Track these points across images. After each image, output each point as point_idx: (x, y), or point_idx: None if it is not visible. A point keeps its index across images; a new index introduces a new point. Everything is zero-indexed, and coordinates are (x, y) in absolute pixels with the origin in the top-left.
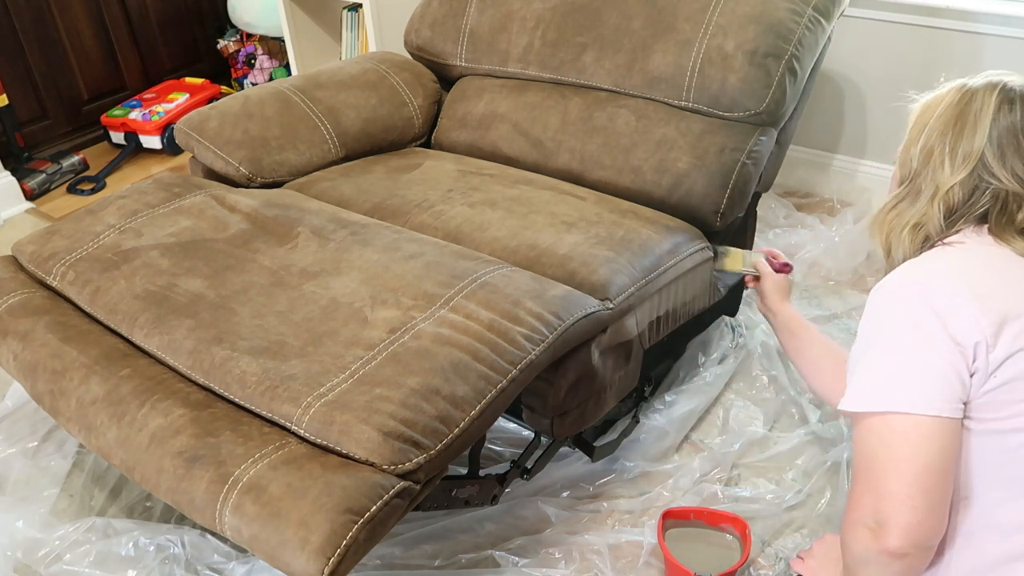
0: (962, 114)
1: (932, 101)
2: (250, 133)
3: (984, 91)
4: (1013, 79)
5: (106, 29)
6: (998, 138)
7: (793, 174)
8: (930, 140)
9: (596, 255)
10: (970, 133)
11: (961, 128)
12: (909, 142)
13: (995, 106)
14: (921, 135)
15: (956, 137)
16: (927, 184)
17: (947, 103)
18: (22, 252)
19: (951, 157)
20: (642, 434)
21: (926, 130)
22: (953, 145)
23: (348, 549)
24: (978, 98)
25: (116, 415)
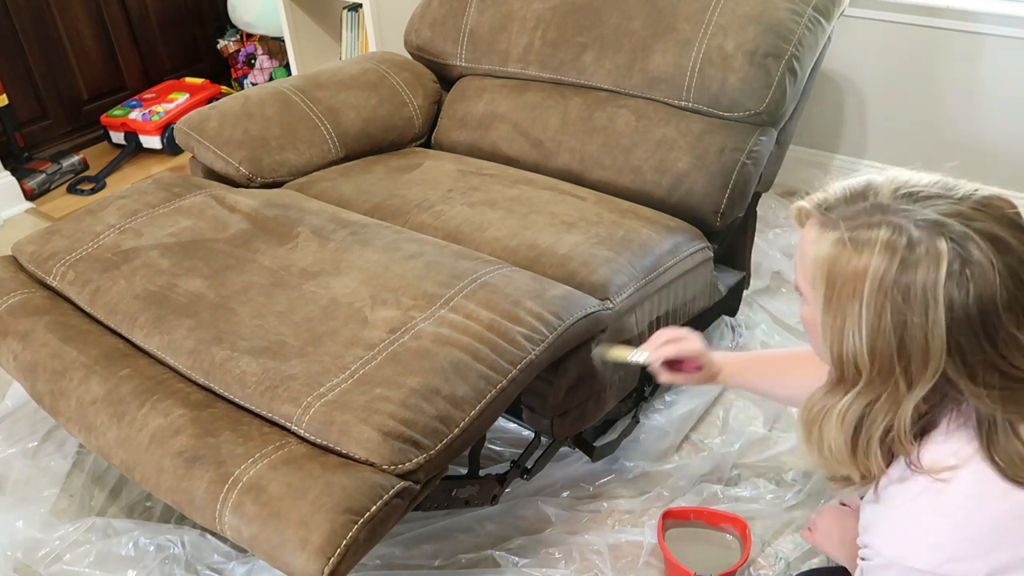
0: (903, 305)
1: (843, 273)
2: (250, 133)
3: (927, 260)
4: (954, 225)
5: (106, 29)
6: (957, 342)
7: (793, 174)
8: (864, 339)
9: (596, 255)
10: (920, 346)
11: (904, 330)
12: (829, 323)
13: (945, 293)
14: (845, 320)
15: (901, 346)
16: (874, 389)
17: (877, 277)
18: (22, 252)
19: (904, 374)
20: (642, 434)
21: (854, 318)
22: (901, 357)
23: (348, 549)
24: (920, 275)
25: (116, 415)
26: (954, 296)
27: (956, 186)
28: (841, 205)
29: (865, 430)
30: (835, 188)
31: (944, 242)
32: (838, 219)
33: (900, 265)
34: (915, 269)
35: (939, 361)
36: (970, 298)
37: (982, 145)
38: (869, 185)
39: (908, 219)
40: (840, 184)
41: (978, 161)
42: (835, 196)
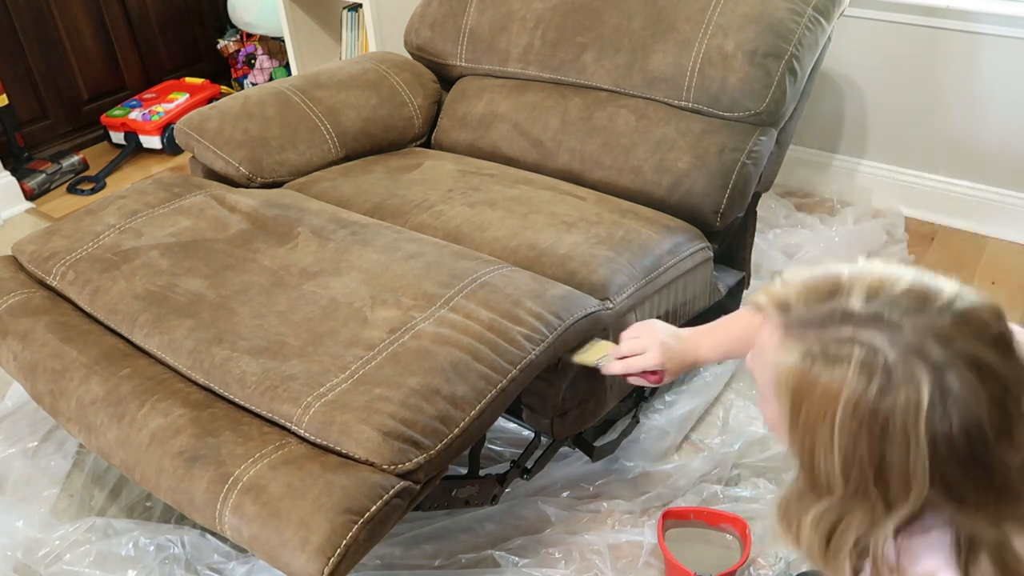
0: (881, 437)
1: (812, 395)
2: (250, 133)
3: (906, 390)
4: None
5: (106, 29)
6: (942, 474)
7: (793, 174)
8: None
9: (596, 255)
10: (900, 477)
11: (882, 461)
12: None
13: (926, 426)
14: (815, 441)
15: (879, 475)
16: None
17: (851, 403)
18: (22, 252)
19: (883, 499)
20: (642, 434)
21: (825, 441)
22: (878, 484)
23: (348, 549)
24: (899, 405)
25: (116, 415)
26: (937, 429)
27: (934, 291)
28: (805, 308)
29: (838, 537)
30: (797, 284)
31: (923, 370)
32: (804, 328)
33: (877, 392)
34: (893, 398)
35: (922, 490)
36: (954, 430)
37: (982, 145)
38: (836, 285)
39: (883, 338)
40: (802, 278)
41: (978, 161)
42: (797, 295)
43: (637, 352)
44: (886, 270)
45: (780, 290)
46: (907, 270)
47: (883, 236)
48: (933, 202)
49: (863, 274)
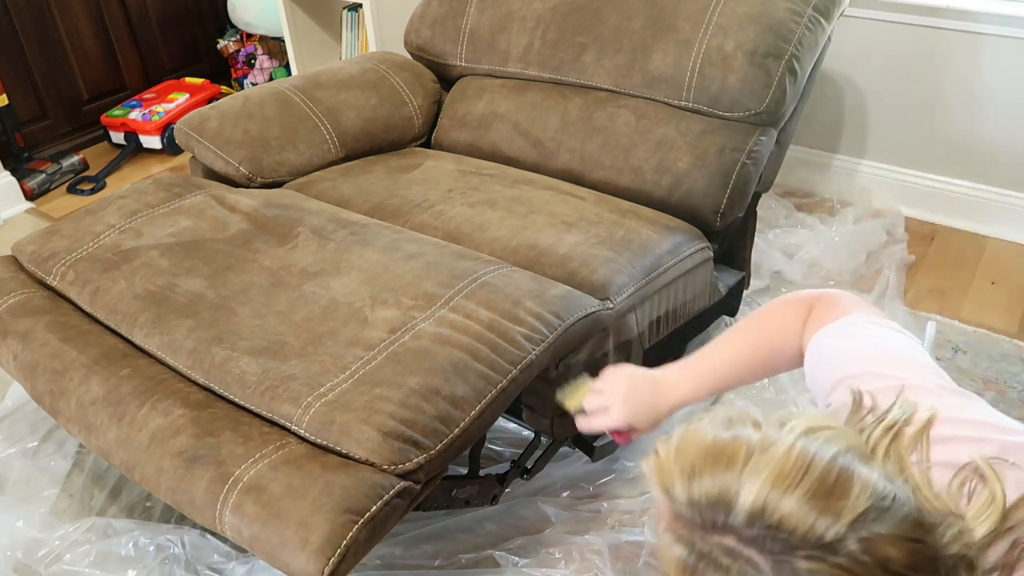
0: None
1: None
2: (250, 133)
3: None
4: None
5: (106, 29)
6: None
7: (793, 174)
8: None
9: (596, 255)
10: None
11: None
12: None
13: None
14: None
15: None
16: None
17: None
18: (22, 252)
19: None
20: None
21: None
22: None
23: (348, 549)
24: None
25: (116, 415)
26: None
27: (835, 504)
28: (688, 505)
29: None
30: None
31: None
32: (689, 523)
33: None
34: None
35: None
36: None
37: (982, 145)
38: (723, 495)
39: (766, 564)
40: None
41: (978, 161)
42: (683, 484)
43: (598, 409)
44: (791, 463)
45: (668, 470)
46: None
47: (883, 236)
48: (933, 202)
49: (759, 488)
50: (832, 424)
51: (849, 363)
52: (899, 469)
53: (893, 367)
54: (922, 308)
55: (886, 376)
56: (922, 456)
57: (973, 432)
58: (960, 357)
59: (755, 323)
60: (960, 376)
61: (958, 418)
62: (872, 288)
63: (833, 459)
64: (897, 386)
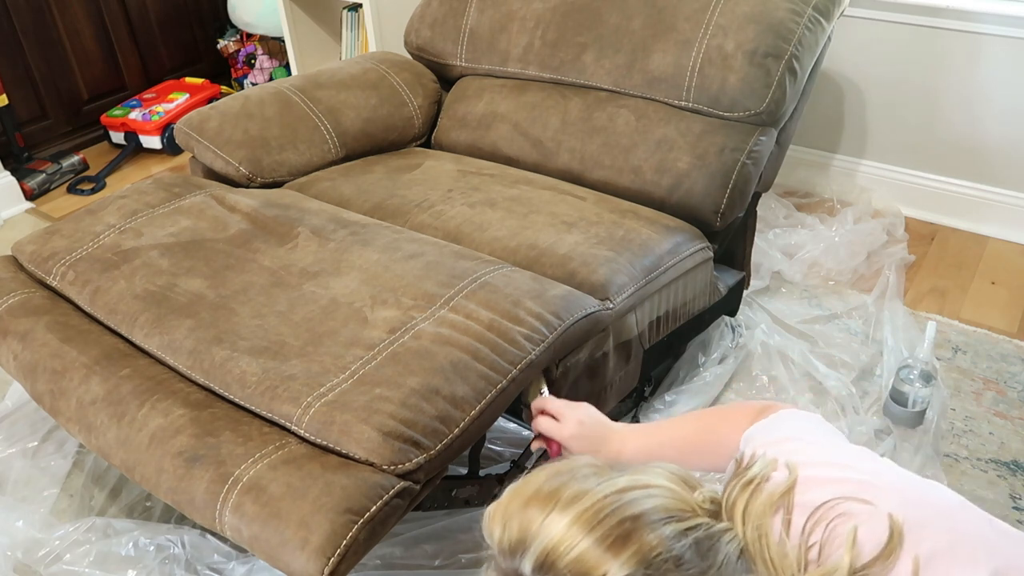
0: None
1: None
2: (250, 133)
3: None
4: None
5: (106, 29)
6: None
7: (793, 174)
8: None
9: (596, 255)
10: None
11: None
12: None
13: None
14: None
15: None
16: None
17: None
18: (22, 252)
19: None
20: None
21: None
22: None
23: (348, 549)
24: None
25: (116, 415)
26: None
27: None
28: (498, 550)
29: None
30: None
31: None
32: (496, 569)
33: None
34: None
35: None
36: None
37: (981, 145)
38: (522, 538)
39: None
40: (517, 499)
41: (978, 161)
42: (499, 533)
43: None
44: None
45: (493, 513)
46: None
47: (883, 236)
48: (933, 202)
49: (550, 532)
50: (656, 483)
51: (757, 442)
52: (751, 525)
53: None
54: (922, 308)
55: (781, 444)
56: (789, 505)
57: (835, 473)
58: (960, 357)
59: (709, 413)
60: (960, 376)
61: (823, 461)
62: (872, 288)
63: (637, 514)
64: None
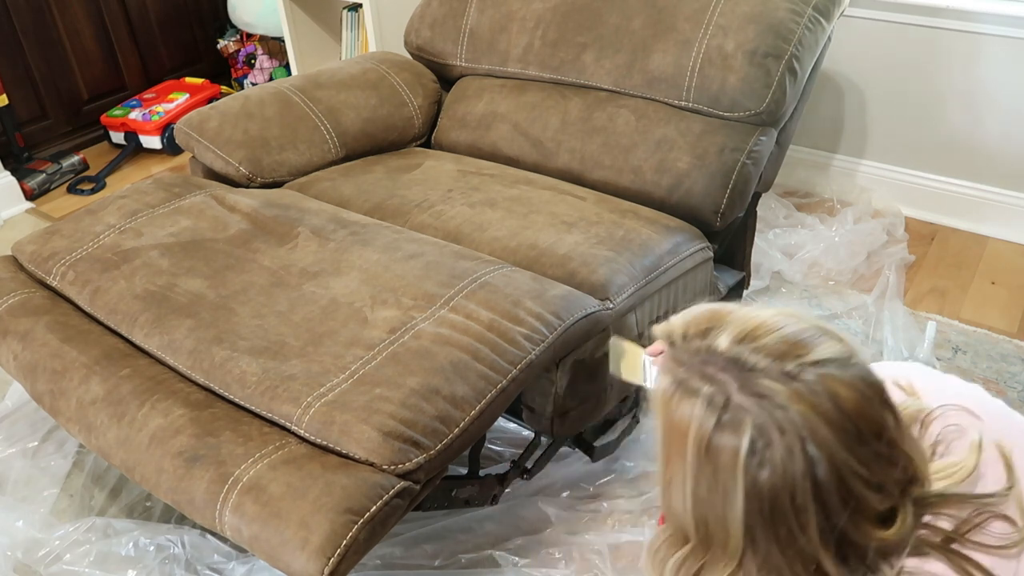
0: (713, 476)
1: (675, 421)
2: (250, 133)
3: (733, 432)
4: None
5: (106, 29)
6: (751, 530)
7: (793, 174)
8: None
9: (596, 255)
10: (720, 529)
11: (713, 516)
12: (662, 472)
13: (742, 494)
14: (673, 477)
15: (710, 527)
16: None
17: (697, 436)
18: (22, 252)
19: (714, 549)
20: (642, 434)
21: (680, 478)
22: (712, 535)
23: (348, 549)
24: (728, 443)
25: (116, 415)
26: (754, 478)
27: (803, 348)
28: (683, 342)
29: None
30: (685, 318)
31: (752, 419)
32: (678, 360)
33: (713, 431)
34: (723, 440)
35: (737, 546)
36: (764, 487)
37: (981, 145)
38: (713, 321)
39: (734, 380)
40: (693, 312)
41: (978, 161)
42: (682, 328)
43: None
44: (771, 316)
45: (671, 323)
46: (804, 323)
47: (883, 236)
48: (933, 202)
49: (744, 316)
50: (822, 324)
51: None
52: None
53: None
54: (922, 308)
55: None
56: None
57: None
58: (960, 357)
59: None
60: (960, 376)
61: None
62: (872, 288)
63: (811, 329)
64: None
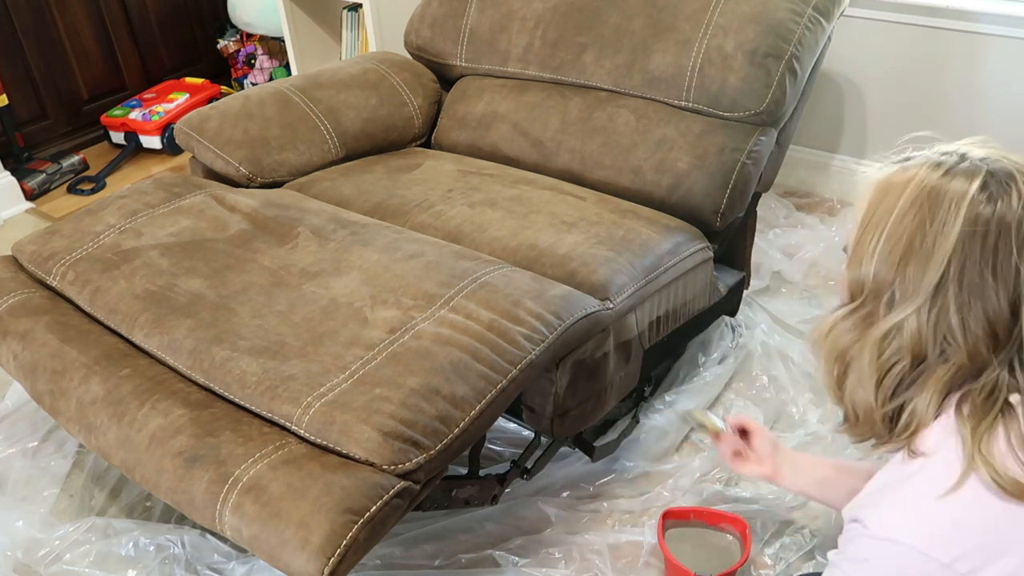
0: (927, 210)
1: (892, 183)
2: (250, 133)
3: (964, 176)
4: (1000, 163)
5: (106, 29)
6: (961, 261)
7: (793, 174)
8: (883, 241)
9: (596, 255)
10: (931, 249)
11: (924, 236)
12: (862, 239)
13: (961, 224)
14: (872, 241)
15: (906, 262)
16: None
17: (920, 183)
18: (22, 252)
19: (902, 288)
20: (642, 434)
21: (879, 237)
22: (904, 272)
23: (348, 549)
24: (954, 185)
25: (116, 415)
26: (974, 215)
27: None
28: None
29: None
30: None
31: (982, 170)
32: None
33: (941, 176)
34: (951, 184)
35: (937, 273)
36: (987, 225)
37: None
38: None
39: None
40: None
41: None
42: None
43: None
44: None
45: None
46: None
47: None
48: None
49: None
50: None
51: None
52: None
53: None
54: None
55: None
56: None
57: None
58: None
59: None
60: None
61: None
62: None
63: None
64: None
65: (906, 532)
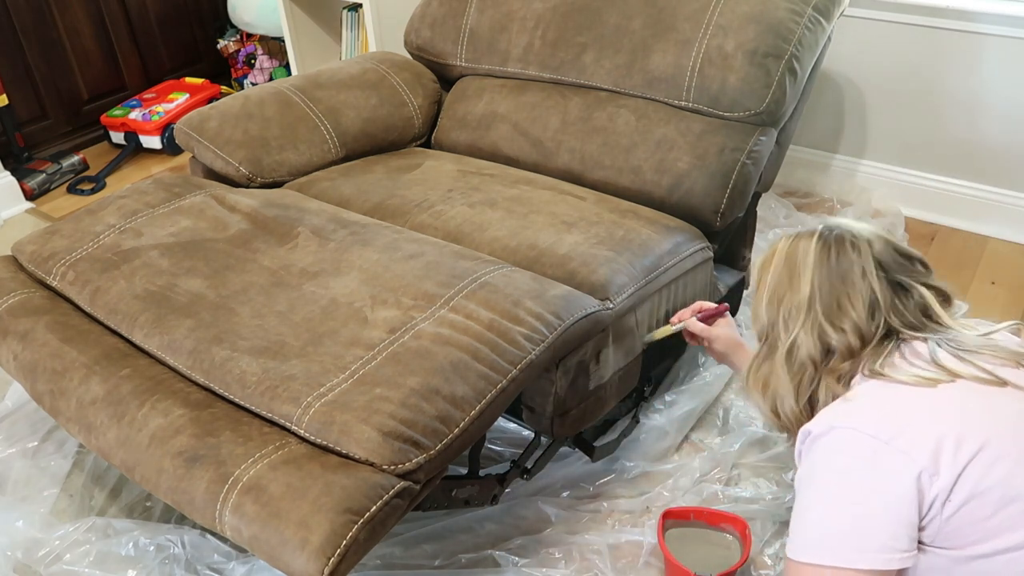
0: (788, 265)
1: (765, 259)
2: (250, 133)
3: (806, 237)
4: (836, 222)
5: (106, 29)
6: (819, 288)
7: (793, 174)
8: (768, 303)
9: (596, 255)
10: (796, 286)
11: (789, 281)
12: (756, 300)
13: (812, 262)
14: (762, 299)
15: (780, 298)
16: (780, 342)
17: (776, 263)
18: (22, 252)
19: (786, 317)
20: (642, 434)
21: (765, 294)
22: (784, 305)
23: (348, 549)
24: (801, 246)
25: (116, 415)
26: (821, 245)
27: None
28: None
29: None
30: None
31: (821, 223)
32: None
33: (793, 239)
34: (800, 240)
35: (805, 295)
36: (831, 242)
37: (981, 145)
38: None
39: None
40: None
41: (978, 161)
42: None
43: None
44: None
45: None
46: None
47: None
48: (933, 202)
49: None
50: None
51: None
52: None
53: None
54: None
55: None
56: None
57: None
58: None
59: None
60: None
61: None
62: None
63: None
64: None
65: (843, 419)
